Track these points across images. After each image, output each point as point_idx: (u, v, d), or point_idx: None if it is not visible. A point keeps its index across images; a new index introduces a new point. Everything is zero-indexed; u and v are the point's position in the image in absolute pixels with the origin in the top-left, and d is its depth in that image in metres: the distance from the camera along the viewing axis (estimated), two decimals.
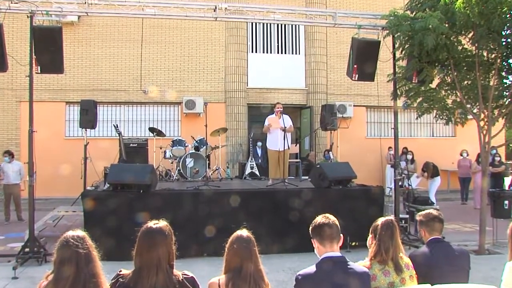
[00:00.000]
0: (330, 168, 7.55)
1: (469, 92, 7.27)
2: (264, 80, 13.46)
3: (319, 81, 13.64)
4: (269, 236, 6.32)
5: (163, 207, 6.32)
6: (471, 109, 7.29)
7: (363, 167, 12.33)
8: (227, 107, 13.13)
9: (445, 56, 6.74)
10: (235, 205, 6.65)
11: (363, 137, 14.03)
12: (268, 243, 6.04)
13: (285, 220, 6.72)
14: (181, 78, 12.91)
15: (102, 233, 5.63)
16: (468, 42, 6.90)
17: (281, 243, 6.54)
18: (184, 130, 12.63)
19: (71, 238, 2.10)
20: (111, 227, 6.02)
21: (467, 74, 7.18)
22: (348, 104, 13.50)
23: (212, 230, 6.24)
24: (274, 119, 8.19)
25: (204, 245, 6.29)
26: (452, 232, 8.16)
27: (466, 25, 6.29)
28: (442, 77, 7.50)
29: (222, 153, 11.18)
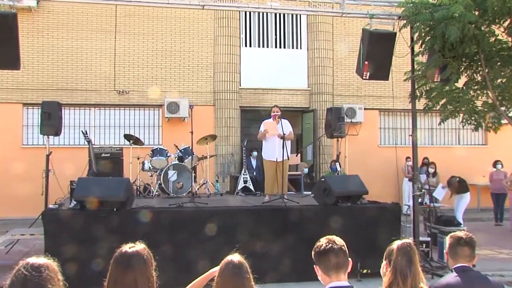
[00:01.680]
0: (337, 182, 7.56)
1: (504, 92, 7.27)
2: (259, 79, 13.49)
3: (324, 80, 13.71)
4: (266, 262, 6.31)
5: (141, 228, 6.30)
6: (505, 112, 7.30)
7: (376, 181, 12.32)
8: (217, 111, 13.15)
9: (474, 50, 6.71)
10: (226, 225, 6.64)
11: (375, 145, 14.08)
12: (264, 270, 6.01)
13: (284, 243, 6.72)
14: (162, 76, 12.93)
15: (67, 260, 5.58)
16: (503, 33, 6.87)
17: (279, 270, 6.53)
18: (166, 137, 12.61)
19: (24, 269, 1.96)
20: (78, 253, 5.96)
21: (501, 71, 7.11)
22: (358, 107, 13.56)
23: (198, 255, 6.21)
24: (271, 124, 8.21)
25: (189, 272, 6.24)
26: (484, 259, 8.05)
27: (500, 12, 6.23)
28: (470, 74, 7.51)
29: (210, 164, 11.15)
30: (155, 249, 2.51)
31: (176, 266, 6.10)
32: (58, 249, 5.94)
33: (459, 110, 7.93)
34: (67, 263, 5.46)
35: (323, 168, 13.10)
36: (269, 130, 8.10)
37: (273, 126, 8.12)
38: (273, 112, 8.27)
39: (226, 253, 2.51)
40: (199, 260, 6.14)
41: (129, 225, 6.28)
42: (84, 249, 6.01)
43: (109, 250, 2.40)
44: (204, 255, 6.14)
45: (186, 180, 9.46)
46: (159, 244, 6.02)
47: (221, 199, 9.77)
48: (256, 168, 12.26)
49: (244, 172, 10.64)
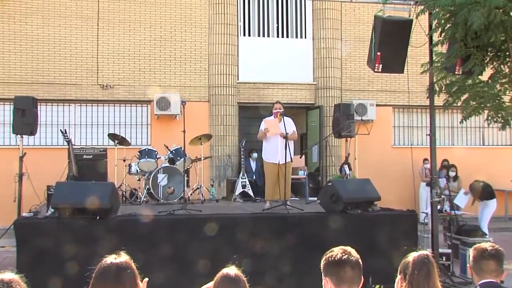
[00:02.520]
0: (346, 186, 7.58)
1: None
2: (259, 72, 13.47)
3: (332, 73, 13.71)
4: (265, 276, 6.29)
5: (127, 238, 6.28)
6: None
7: (390, 186, 12.31)
8: (212, 107, 13.14)
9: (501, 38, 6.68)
10: (222, 235, 6.64)
11: (389, 145, 14.09)
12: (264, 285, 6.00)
13: (286, 255, 6.73)
14: (151, 69, 12.91)
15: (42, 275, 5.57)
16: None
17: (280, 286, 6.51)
18: (155, 137, 12.60)
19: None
20: (56, 266, 5.95)
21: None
22: (369, 103, 13.57)
23: (191, 268, 6.19)
24: (272, 122, 8.21)
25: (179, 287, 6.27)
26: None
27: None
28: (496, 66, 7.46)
29: (205, 167, 11.15)
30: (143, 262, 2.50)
31: (166, 280, 6.08)
32: (32, 264, 5.92)
33: (483, 106, 7.88)
34: (43, 279, 5.45)
35: (330, 171, 13.08)
36: (270, 129, 8.10)
37: (275, 124, 8.12)
38: (275, 109, 8.28)
39: (222, 266, 2.51)
40: (192, 273, 6.13)
41: (113, 235, 6.25)
42: (62, 263, 5.98)
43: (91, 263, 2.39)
44: (198, 268, 6.13)
45: (177, 184, 9.46)
46: (148, 256, 6.00)
47: (217, 205, 9.78)
48: (256, 171, 12.24)
49: (243, 176, 10.65)
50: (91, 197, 6.44)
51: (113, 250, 2.52)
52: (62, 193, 6.58)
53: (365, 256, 3.21)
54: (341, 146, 13.00)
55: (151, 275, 2.57)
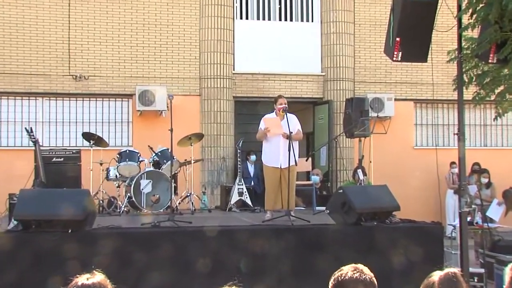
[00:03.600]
0: (359, 194, 7.55)
1: None
2: (259, 61, 13.47)
3: (343, 62, 13.71)
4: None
5: (104, 254, 6.25)
6: None
7: (411, 193, 12.29)
8: (204, 103, 13.12)
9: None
10: (216, 250, 6.63)
11: (409, 146, 14.08)
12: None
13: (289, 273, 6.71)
14: (132, 57, 12.89)
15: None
16: None
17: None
18: (138, 136, 12.60)
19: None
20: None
21: None
22: (386, 97, 13.56)
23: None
24: (274, 120, 8.20)
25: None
26: None
27: None
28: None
29: (195, 171, 11.12)
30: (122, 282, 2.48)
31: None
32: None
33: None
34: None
35: (341, 177, 13.07)
36: (271, 128, 8.08)
37: (277, 122, 8.11)
38: (280, 104, 8.24)
39: (217, 286, 2.49)
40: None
41: (88, 251, 6.24)
42: (27, 284, 5.95)
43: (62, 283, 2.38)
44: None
45: (163, 192, 9.43)
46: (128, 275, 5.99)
47: (210, 216, 9.76)
48: (255, 176, 12.20)
49: (239, 182, 10.61)
50: (62, 207, 6.40)
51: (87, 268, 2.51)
52: (27, 203, 6.53)
53: (382, 276, 3.19)
54: (354, 147, 13.00)
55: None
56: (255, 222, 7.92)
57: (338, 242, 6.92)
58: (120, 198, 10.04)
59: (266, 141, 8.27)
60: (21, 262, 6.15)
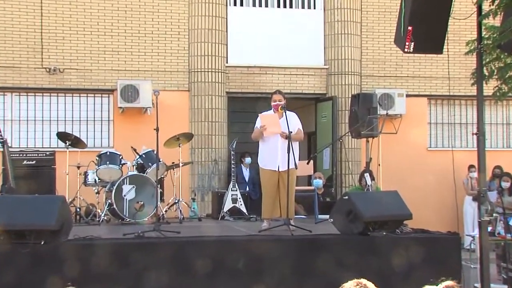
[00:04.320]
0: (367, 201, 7.56)
1: None
2: (255, 53, 13.46)
3: (348, 54, 13.69)
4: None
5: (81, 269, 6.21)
6: None
7: (424, 200, 12.28)
8: (193, 99, 13.11)
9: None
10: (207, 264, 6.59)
11: (423, 148, 14.07)
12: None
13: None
14: (113, 48, 12.86)
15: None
16: None
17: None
18: (120, 137, 12.58)
19: None
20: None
21: None
22: (397, 93, 13.55)
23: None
24: (271, 118, 8.20)
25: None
26: None
27: None
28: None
29: (184, 175, 11.10)
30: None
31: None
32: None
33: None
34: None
35: (346, 181, 13.09)
36: (268, 127, 8.06)
37: (274, 120, 8.11)
38: (274, 101, 8.23)
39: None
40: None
41: (63, 266, 6.20)
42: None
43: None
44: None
45: (148, 198, 9.44)
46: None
47: (200, 225, 9.78)
48: (250, 181, 12.20)
49: (233, 187, 10.61)
50: (34, 215, 6.38)
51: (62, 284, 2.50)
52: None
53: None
54: (361, 149, 13.01)
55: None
56: (250, 232, 7.93)
57: (343, 254, 6.91)
58: (99, 205, 10.02)
59: (263, 141, 8.26)
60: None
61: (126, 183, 9.52)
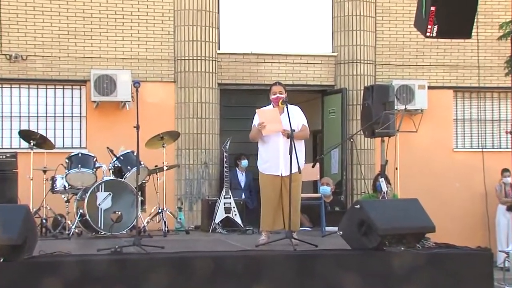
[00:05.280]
0: (382, 211, 7.53)
1: None
2: (251, 38, 13.50)
3: (361, 39, 13.72)
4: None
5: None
6: None
7: (450, 210, 12.28)
8: (179, 92, 13.10)
9: None
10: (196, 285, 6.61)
11: (448, 148, 14.09)
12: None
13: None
14: (86, 32, 12.84)
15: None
16: None
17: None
18: (94, 135, 12.60)
19: None
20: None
21: None
22: (417, 84, 13.58)
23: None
24: (271, 114, 8.18)
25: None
26: None
27: None
28: None
29: (169, 181, 11.09)
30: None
31: None
32: None
33: None
34: None
35: (358, 188, 13.14)
36: (267, 124, 8.03)
37: (275, 116, 8.08)
38: (274, 93, 8.21)
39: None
40: None
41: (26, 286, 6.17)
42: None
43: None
44: None
45: (127, 208, 9.43)
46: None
47: (187, 239, 9.78)
48: (247, 187, 12.20)
49: (226, 195, 10.59)
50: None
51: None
52: None
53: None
54: (375, 150, 13.03)
55: None
56: (246, 247, 7.90)
57: (354, 273, 6.90)
58: (69, 216, 9.97)
59: (262, 141, 8.23)
60: None
61: (101, 190, 9.49)
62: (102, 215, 9.40)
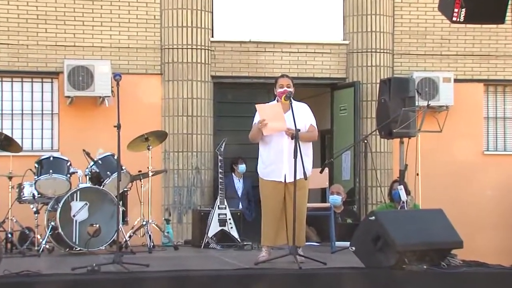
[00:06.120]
0: (401, 223, 7.58)
1: None
2: (250, 24, 13.53)
3: (376, 25, 13.74)
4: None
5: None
6: None
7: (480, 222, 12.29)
8: (167, 85, 13.12)
9: None
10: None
11: (477, 151, 14.07)
12: None
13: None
14: (58, 16, 12.83)
15: None
16: None
17: None
18: (67, 136, 12.60)
19: None
20: None
21: None
22: (442, 76, 13.59)
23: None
24: (273, 110, 8.22)
25: None
26: None
27: None
28: None
29: (155, 189, 11.11)
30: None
31: None
32: None
33: None
34: None
35: (373, 196, 13.18)
36: (269, 121, 8.05)
37: (278, 113, 8.09)
38: (281, 87, 8.23)
39: None
40: None
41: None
42: None
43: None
44: None
45: (106, 220, 9.48)
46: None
47: (176, 256, 9.81)
48: (244, 195, 12.22)
49: (221, 204, 10.62)
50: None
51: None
52: None
53: None
54: (393, 153, 13.08)
55: None
56: (244, 265, 7.92)
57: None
58: (39, 229, 9.97)
59: (264, 142, 8.25)
60: None
61: (76, 199, 9.50)
62: (77, 228, 9.41)
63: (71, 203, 9.47)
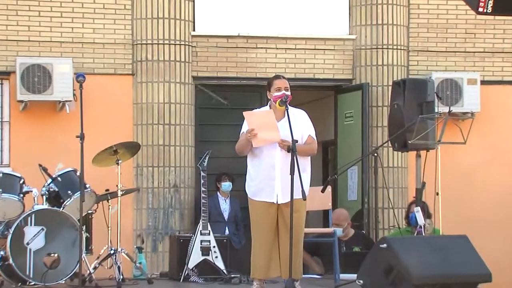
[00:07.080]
0: (418, 252, 7.60)
1: None
2: (238, 16, 13.61)
3: (388, 17, 13.82)
4: None
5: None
6: None
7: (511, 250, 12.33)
8: (139, 88, 13.15)
9: None
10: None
11: (509, 165, 14.13)
12: None
13: None
14: (9, 6, 12.85)
15: None
16: None
17: None
18: (21, 149, 12.64)
19: None
20: None
21: None
22: (466, 77, 13.66)
23: None
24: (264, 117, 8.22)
25: None
26: None
27: None
28: None
29: (126, 211, 11.12)
30: None
31: None
32: None
33: None
34: None
35: (384, 219, 13.20)
36: (259, 132, 8.04)
37: (270, 121, 8.08)
38: (279, 89, 8.22)
39: None
40: None
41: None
42: None
43: None
44: None
45: (67, 248, 9.45)
46: None
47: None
48: (231, 219, 12.24)
49: (204, 230, 10.62)
50: None
51: None
52: None
53: None
54: (408, 168, 13.11)
55: None
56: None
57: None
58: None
59: (252, 155, 8.26)
60: None
61: (30, 224, 9.46)
62: (31, 258, 9.36)
63: (25, 229, 9.41)
